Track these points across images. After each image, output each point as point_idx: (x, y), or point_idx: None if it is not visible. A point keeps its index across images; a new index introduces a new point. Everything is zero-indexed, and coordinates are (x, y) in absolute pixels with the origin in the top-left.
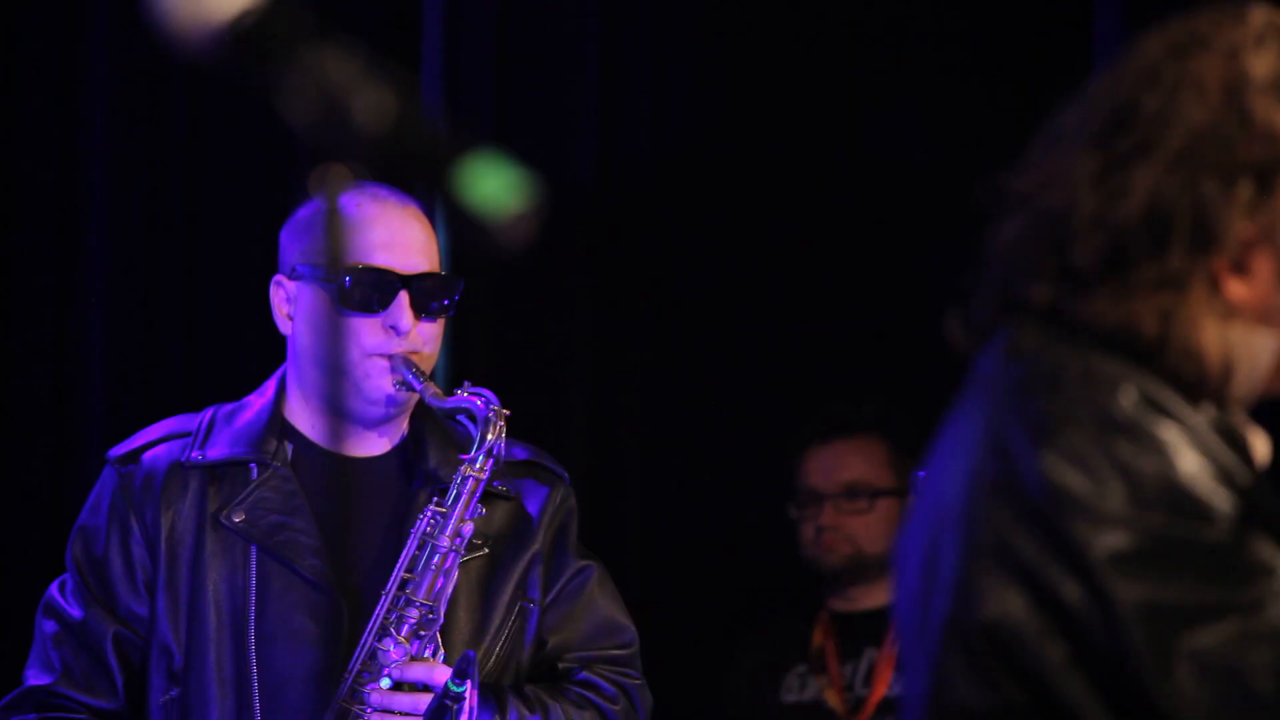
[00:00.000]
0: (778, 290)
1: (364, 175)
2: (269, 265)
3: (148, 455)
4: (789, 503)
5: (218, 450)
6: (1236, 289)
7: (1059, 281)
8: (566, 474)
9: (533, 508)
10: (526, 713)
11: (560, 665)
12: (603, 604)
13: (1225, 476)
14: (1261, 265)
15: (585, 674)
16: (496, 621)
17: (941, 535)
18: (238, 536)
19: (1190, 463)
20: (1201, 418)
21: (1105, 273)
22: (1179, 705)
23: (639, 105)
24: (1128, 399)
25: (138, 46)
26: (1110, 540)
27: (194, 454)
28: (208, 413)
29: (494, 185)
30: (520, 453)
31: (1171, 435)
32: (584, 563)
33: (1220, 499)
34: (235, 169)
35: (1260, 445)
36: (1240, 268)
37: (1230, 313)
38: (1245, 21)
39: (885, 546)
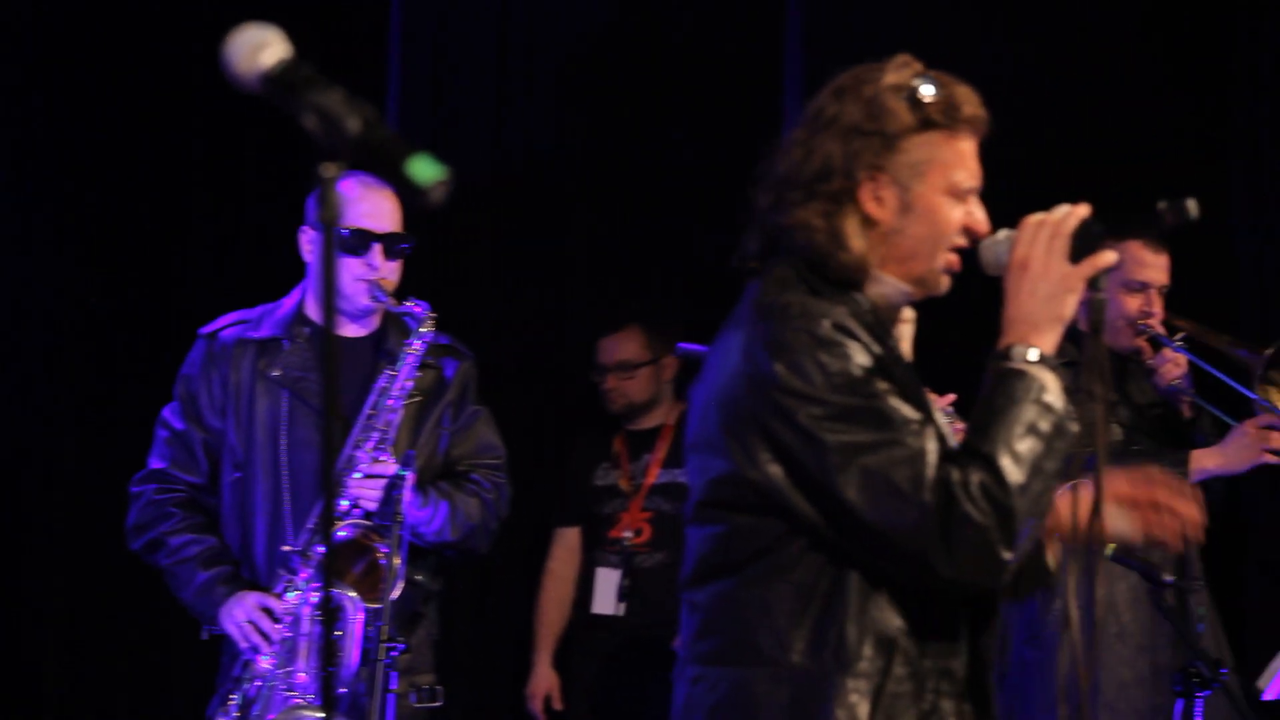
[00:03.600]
0: (591, 245)
1: (353, 166)
2: (298, 220)
3: (223, 333)
4: (592, 372)
5: (265, 331)
6: (873, 208)
7: (778, 205)
8: (471, 354)
9: (449, 373)
10: (439, 497)
11: (458, 469)
12: (486, 432)
13: (879, 362)
14: (889, 195)
15: (474, 475)
16: (423, 440)
17: (710, 408)
18: (276, 384)
19: (862, 361)
20: (865, 331)
21: (800, 198)
22: (855, 498)
23: (517, 124)
24: (826, 326)
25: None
26: (815, 410)
27: (251, 333)
28: (260, 308)
29: (425, 169)
30: (443, 339)
31: (850, 345)
32: (476, 407)
33: (880, 378)
34: (283, 162)
35: (907, 329)
36: (877, 197)
37: (870, 224)
38: (897, 59)
39: (647, 395)
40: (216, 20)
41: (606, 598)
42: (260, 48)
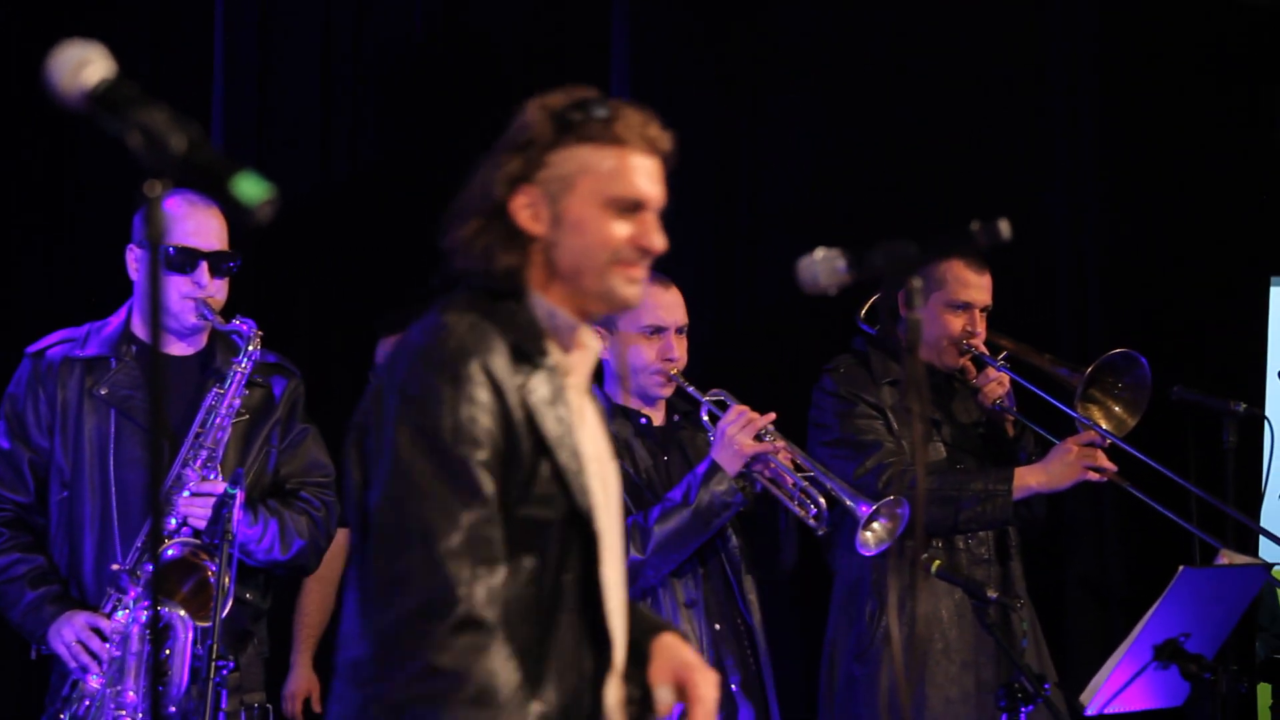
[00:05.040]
0: (419, 262)
1: (178, 184)
2: (125, 237)
3: (50, 351)
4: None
5: (92, 350)
6: (526, 220)
7: (448, 228)
8: (299, 371)
9: (277, 391)
10: (269, 515)
11: (287, 486)
12: (315, 450)
13: (501, 424)
14: (542, 209)
15: (303, 493)
16: (252, 458)
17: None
18: (103, 403)
19: (480, 420)
20: (516, 380)
21: (463, 217)
22: (380, 524)
23: (343, 140)
24: (473, 368)
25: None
26: (411, 438)
27: (78, 352)
28: (86, 326)
29: (251, 188)
30: (271, 358)
31: (478, 399)
32: (305, 425)
33: (483, 444)
34: (109, 180)
35: (585, 357)
36: (531, 210)
37: (529, 239)
38: (565, 90)
39: None
40: (40, 36)
41: None
42: (83, 65)
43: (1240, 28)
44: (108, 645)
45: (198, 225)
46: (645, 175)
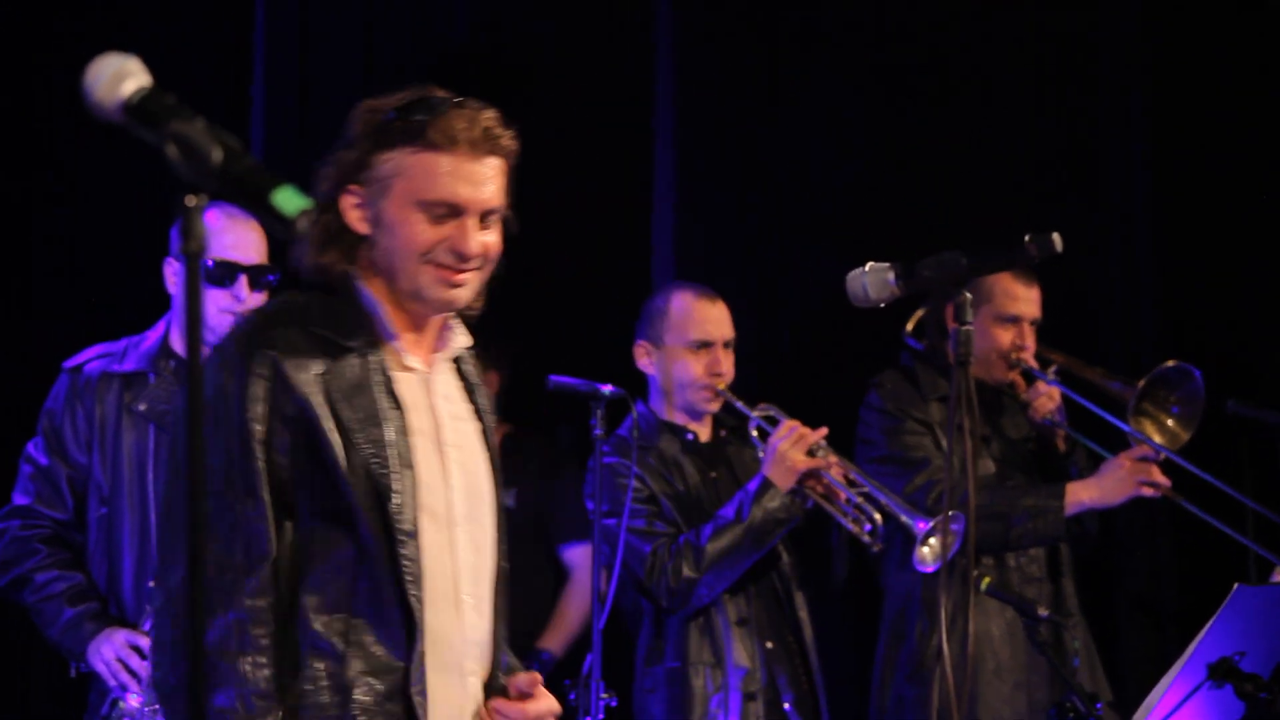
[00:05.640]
0: None
1: (216, 196)
2: (163, 250)
3: (87, 366)
4: None
5: (130, 365)
6: (354, 220)
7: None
8: None
9: None
10: None
11: None
12: None
13: (294, 400)
14: (366, 210)
15: None
16: None
17: None
18: (142, 418)
19: (252, 427)
20: (318, 365)
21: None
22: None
23: None
24: (256, 356)
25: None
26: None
27: (115, 366)
28: (124, 341)
29: (290, 200)
30: None
31: (257, 381)
32: None
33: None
34: (143, 192)
35: (435, 348)
36: (358, 211)
37: (356, 237)
38: (401, 91)
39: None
40: (74, 46)
41: None
42: (120, 77)
43: None
44: (147, 663)
45: (237, 238)
46: (462, 179)
